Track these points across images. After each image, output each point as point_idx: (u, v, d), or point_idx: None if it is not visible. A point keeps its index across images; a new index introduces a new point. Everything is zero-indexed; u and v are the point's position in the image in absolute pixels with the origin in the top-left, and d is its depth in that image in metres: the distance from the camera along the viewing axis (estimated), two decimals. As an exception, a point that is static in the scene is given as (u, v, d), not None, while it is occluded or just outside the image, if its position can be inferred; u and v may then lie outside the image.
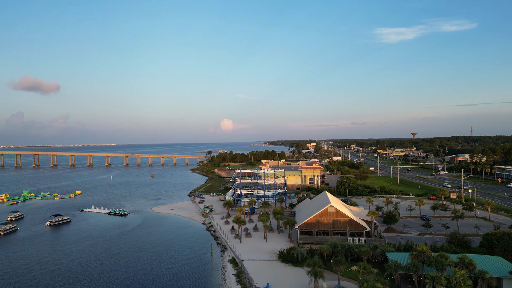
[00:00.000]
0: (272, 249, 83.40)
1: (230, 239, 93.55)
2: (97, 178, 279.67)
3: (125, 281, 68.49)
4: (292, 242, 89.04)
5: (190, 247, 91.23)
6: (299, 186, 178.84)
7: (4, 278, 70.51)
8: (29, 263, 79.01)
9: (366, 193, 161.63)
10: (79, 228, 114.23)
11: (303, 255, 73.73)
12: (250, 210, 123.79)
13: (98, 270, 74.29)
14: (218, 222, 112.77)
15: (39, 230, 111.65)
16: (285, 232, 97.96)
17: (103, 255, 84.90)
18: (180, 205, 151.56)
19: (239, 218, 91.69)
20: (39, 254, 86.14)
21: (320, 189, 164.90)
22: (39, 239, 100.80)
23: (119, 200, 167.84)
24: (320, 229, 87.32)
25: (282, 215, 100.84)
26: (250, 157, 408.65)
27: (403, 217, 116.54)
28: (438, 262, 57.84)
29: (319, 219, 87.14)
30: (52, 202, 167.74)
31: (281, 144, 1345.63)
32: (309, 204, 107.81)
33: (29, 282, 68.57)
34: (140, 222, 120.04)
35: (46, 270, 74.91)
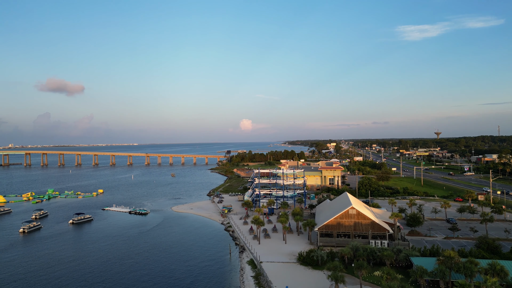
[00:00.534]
0: (291, 251, 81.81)
1: (248, 240, 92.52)
2: (119, 177, 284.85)
3: (145, 282, 68.49)
4: (312, 244, 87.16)
5: (208, 247, 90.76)
6: (319, 187, 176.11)
7: (26, 276, 71.82)
8: (51, 261, 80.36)
9: (389, 194, 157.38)
10: (100, 226, 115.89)
11: (323, 258, 71.82)
12: (269, 211, 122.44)
13: (118, 270, 74.72)
14: (236, 223, 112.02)
15: (62, 228, 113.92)
16: (304, 234, 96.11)
17: (123, 254, 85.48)
18: (199, 204, 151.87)
19: (258, 219, 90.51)
20: (61, 252, 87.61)
21: (341, 190, 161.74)
22: (61, 237, 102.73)
23: (139, 199, 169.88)
24: (341, 232, 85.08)
25: (301, 216, 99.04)
26: (269, 157, 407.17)
27: (427, 219, 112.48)
28: (467, 269, 54.83)
29: (339, 221, 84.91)
30: (75, 200, 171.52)
31: (301, 144, 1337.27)
32: (329, 205, 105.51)
33: (50, 280, 69.58)
34: (159, 222, 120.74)
35: (67, 268, 75.95)
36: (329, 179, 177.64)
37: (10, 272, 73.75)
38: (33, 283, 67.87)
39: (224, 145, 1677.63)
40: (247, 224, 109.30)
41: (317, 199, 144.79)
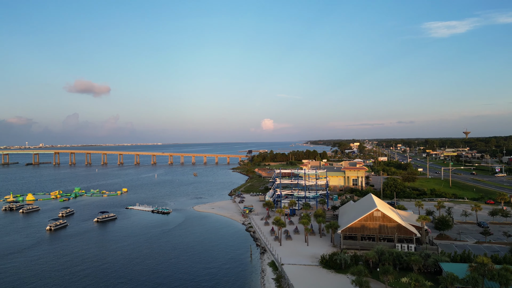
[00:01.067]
0: (313, 254, 79.91)
1: (269, 241, 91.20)
2: (142, 176, 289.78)
3: (166, 283, 68.45)
4: (335, 247, 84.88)
5: (229, 248, 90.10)
6: (342, 188, 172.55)
7: (51, 274, 73.27)
8: (75, 260, 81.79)
9: (415, 196, 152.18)
10: (123, 225, 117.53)
11: (347, 262, 69.58)
12: (291, 212, 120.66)
13: (139, 270, 75.09)
14: (257, 223, 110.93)
15: (87, 226, 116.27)
16: (327, 236, 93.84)
17: (145, 254, 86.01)
18: (221, 204, 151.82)
19: (279, 220, 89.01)
20: (85, 250, 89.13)
21: (365, 191, 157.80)
22: (86, 235, 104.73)
23: (162, 198, 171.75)
24: (365, 234, 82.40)
25: (324, 218, 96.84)
26: (291, 157, 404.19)
27: (457, 223, 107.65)
28: (502, 276, 51.38)
29: (364, 224, 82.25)
30: (101, 199, 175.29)
31: (323, 143, 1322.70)
32: (353, 207, 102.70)
33: (74, 279, 70.69)
34: (181, 221, 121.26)
35: (90, 267, 77.05)
36: (353, 180, 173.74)
37: (36, 269, 75.52)
38: (57, 281, 69.11)
39: (245, 144, 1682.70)
40: (268, 225, 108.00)
41: (340, 200, 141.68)
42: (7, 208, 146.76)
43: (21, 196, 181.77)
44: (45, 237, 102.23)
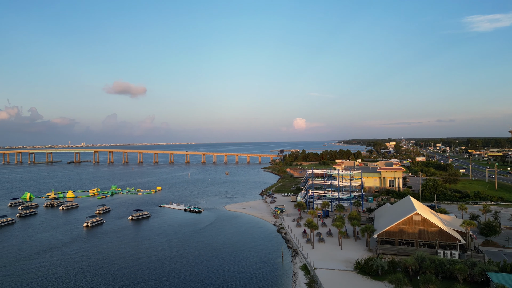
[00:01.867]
0: (347, 258, 76.56)
1: (301, 243, 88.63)
2: (176, 175, 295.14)
3: (196, 283, 67.88)
4: (371, 252, 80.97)
5: (260, 249, 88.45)
6: (378, 189, 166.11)
7: (85, 271, 74.86)
8: (109, 257, 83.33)
9: (457, 198, 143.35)
10: (157, 223, 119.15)
11: (384, 268, 65.76)
12: (323, 213, 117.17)
13: (171, 269, 75.16)
14: (289, 224, 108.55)
15: (122, 223, 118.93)
16: (362, 240, 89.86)
17: (177, 253, 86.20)
18: (252, 204, 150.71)
19: (311, 222, 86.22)
20: (119, 248, 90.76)
21: (402, 192, 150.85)
22: (121, 232, 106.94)
23: (194, 197, 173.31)
24: (404, 239, 77.91)
25: (359, 221, 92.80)
26: (324, 157, 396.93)
27: (504, 228, 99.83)
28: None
29: (402, 228, 77.79)
30: (136, 197, 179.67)
31: (357, 143, 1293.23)
32: (390, 209, 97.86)
33: (107, 276, 71.79)
34: (212, 220, 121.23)
35: (124, 265, 78.11)
36: (389, 181, 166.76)
37: (71, 266, 77.49)
38: (91, 279, 70.40)
39: (277, 144, 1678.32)
40: (300, 226, 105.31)
41: (376, 202, 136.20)
42: (49, 204, 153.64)
43: (62, 193, 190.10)
44: (82, 234, 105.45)
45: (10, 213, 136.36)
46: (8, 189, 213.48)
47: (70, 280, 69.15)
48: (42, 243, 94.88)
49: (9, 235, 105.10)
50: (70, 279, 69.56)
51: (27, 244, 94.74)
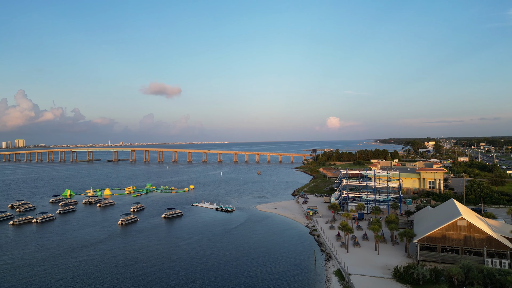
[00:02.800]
0: (384, 264, 72.24)
1: (335, 247, 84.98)
2: (209, 174, 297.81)
3: (227, 285, 66.47)
4: (410, 258, 76.04)
5: (292, 252, 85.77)
6: (417, 191, 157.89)
7: (117, 270, 75.61)
8: (141, 256, 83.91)
9: (505, 202, 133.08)
10: (189, 222, 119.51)
11: (426, 277, 61.05)
12: (358, 216, 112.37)
13: (201, 269, 74.33)
14: (322, 226, 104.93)
15: (155, 222, 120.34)
16: (400, 245, 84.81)
17: (207, 254, 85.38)
18: (283, 204, 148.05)
19: (346, 225, 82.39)
20: (151, 246, 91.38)
21: (443, 195, 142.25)
22: (154, 231, 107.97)
23: (226, 196, 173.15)
24: (447, 246, 72.37)
25: (397, 224, 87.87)
26: (358, 156, 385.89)
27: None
28: None
29: (445, 233, 72.27)
30: (169, 195, 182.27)
31: (393, 142, 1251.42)
32: (431, 213, 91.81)
33: (138, 275, 72.04)
34: (243, 220, 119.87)
35: (155, 263, 78.25)
36: (429, 182, 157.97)
37: (104, 264, 78.62)
38: (122, 277, 70.89)
39: (310, 143, 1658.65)
40: (333, 229, 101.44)
41: (416, 205, 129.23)
42: (87, 202, 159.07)
43: (99, 190, 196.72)
44: (116, 232, 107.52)
45: (51, 210, 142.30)
46: (50, 186, 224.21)
47: (101, 277, 69.99)
48: (78, 240, 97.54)
49: (49, 231, 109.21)
50: (103, 277, 70.37)
51: (64, 240, 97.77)
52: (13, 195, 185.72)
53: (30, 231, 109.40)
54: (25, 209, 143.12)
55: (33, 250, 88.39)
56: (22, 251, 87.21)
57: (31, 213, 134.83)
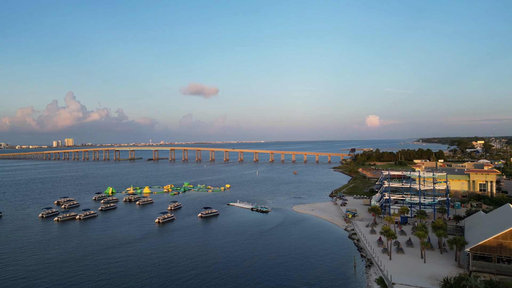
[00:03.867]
0: (432, 274, 66.69)
1: (376, 253, 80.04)
2: (245, 173, 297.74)
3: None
4: (461, 268, 69.72)
5: (330, 256, 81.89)
6: (465, 194, 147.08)
7: (151, 269, 75.69)
8: (176, 255, 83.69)
9: None
10: (224, 222, 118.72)
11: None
12: (402, 220, 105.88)
13: (235, 271, 72.60)
14: (362, 230, 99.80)
15: (191, 221, 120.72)
16: (449, 253, 78.30)
17: (242, 255, 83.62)
18: (321, 205, 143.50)
19: (389, 230, 77.18)
20: (187, 246, 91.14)
21: (496, 198, 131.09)
22: (190, 230, 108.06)
23: (262, 196, 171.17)
24: (504, 256, 65.50)
25: (445, 231, 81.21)
26: (400, 156, 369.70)
27: None
28: None
29: (502, 242, 65.44)
30: (206, 194, 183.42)
31: (437, 141, 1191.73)
32: (484, 219, 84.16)
33: (171, 275, 71.61)
34: (279, 222, 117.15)
35: (189, 264, 77.61)
36: (480, 185, 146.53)
37: (139, 263, 79.04)
38: (155, 277, 70.72)
39: (348, 142, 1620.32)
40: (374, 233, 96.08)
41: (465, 209, 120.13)
42: (127, 199, 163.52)
43: (139, 188, 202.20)
44: (153, 230, 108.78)
45: (93, 207, 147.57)
46: (94, 184, 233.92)
47: (135, 276, 70.21)
48: (116, 238, 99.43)
49: (90, 228, 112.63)
50: (138, 276, 70.58)
51: (104, 238, 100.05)
52: (59, 192, 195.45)
53: (73, 227, 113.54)
54: (69, 205, 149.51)
55: (74, 246, 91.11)
56: (64, 248, 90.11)
57: (75, 210, 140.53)
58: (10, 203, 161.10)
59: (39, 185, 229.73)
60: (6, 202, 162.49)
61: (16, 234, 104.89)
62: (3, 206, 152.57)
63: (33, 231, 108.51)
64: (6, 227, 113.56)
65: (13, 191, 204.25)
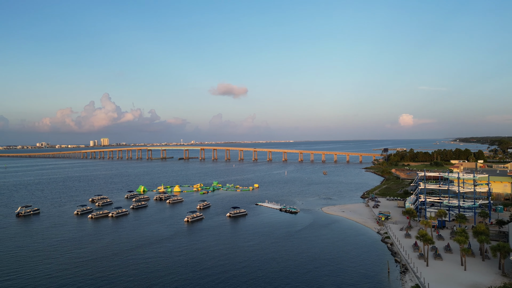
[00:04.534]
0: (473, 282, 62.25)
1: (412, 258, 75.95)
2: (273, 173, 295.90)
3: (288, 292, 62.41)
4: (506, 277, 64.63)
5: (362, 260, 78.69)
6: (508, 197, 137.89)
7: (179, 268, 75.70)
8: (203, 255, 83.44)
9: None
10: (252, 222, 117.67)
11: (530, 304, 50.64)
12: (439, 224, 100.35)
13: (261, 275, 71.13)
14: (396, 234, 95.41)
15: (220, 220, 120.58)
16: (492, 260, 73.00)
17: (269, 257, 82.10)
18: (352, 207, 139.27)
19: (425, 234, 72.97)
20: (214, 246, 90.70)
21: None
22: (218, 230, 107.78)
23: (291, 196, 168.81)
24: (556, 266, 59.97)
25: (487, 236, 75.87)
26: (436, 157, 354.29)
27: None
28: None
29: (554, 251, 59.93)
30: (234, 193, 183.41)
31: (476, 141, 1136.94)
32: (532, 225, 77.86)
33: (197, 275, 71.17)
34: (309, 223, 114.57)
35: (216, 265, 77.01)
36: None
37: (167, 262, 79.24)
38: (182, 277, 70.54)
39: (379, 142, 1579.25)
40: (409, 237, 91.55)
41: (508, 213, 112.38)
42: (158, 198, 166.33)
43: (170, 187, 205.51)
44: (182, 229, 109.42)
45: (125, 205, 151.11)
46: (126, 182, 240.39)
47: (165, 277, 70.25)
48: (146, 236, 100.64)
49: (121, 226, 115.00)
50: (166, 276, 70.61)
51: (134, 236, 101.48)
52: (93, 190, 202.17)
53: (105, 225, 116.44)
54: (103, 203, 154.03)
55: (105, 244, 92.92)
56: (96, 245, 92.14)
57: (108, 208, 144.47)
58: (48, 200, 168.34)
59: (75, 183, 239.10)
60: (44, 200, 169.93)
61: (51, 231, 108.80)
62: (41, 203, 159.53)
63: (68, 228, 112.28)
64: (43, 224, 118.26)
65: (50, 188, 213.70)
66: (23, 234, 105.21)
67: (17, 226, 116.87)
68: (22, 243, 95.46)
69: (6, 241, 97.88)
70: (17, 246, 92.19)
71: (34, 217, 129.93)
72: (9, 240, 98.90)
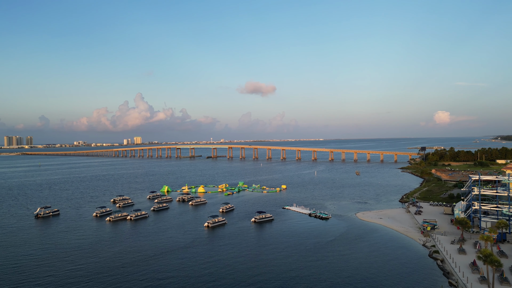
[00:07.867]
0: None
1: (471, 281, 62.34)
2: (302, 173, 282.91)
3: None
4: None
5: (406, 280, 65.89)
6: None
7: (190, 280, 66.12)
8: (222, 269, 73.34)
9: None
10: (279, 229, 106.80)
11: None
12: (499, 237, 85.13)
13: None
14: (446, 248, 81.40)
15: (243, 226, 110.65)
16: None
17: (297, 274, 70.93)
18: (390, 213, 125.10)
19: (491, 255, 59.07)
20: (235, 258, 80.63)
21: None
22: (240, 238, 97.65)
23: (321, 200, 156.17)
24: None
25: None
26: (480, 156, 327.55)
27: None
28: None
29: None
30: (260, 195, 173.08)
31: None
32: None
33: (214, 283, 61.19)
34: (342, 232, 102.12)
35: (234, 281, 66.81)
36: None
37: (181, 277, 70.02)
38: (198, 280, 60.78)
39: (414, 140, 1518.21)
40: (464, 253, 77.38)
41: None
42: (180, 199, 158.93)
43: (194, 187, 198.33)
44: (201, 236, 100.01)
45: (147, 206, 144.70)
46: (151, 182, 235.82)
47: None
48: (161, 244, 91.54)
49: (138, 231, 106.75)
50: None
51: (148, 244, 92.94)
52: (117, 190, 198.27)
53: (122, 229, 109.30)
54: (124, 204, 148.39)
55: (114, 254, 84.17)
56: (104, 255, 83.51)
57: (128, 209, 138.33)
58: (70, 200, 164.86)
59: (99, 183, 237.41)
60: (66, 200, 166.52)
61: (64, 235, 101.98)
62: (63, 203, 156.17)
63: (81, 233, 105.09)
64: (59, 227, 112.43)
65: (75, 188, 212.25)
66: (33, 240, 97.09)
67: (31, 229, 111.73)
68: (27, 251, 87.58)
69: (10, 248, 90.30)
70: (21, 255, 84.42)
71: (53, 218, 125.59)
72: (15, 247, 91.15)
